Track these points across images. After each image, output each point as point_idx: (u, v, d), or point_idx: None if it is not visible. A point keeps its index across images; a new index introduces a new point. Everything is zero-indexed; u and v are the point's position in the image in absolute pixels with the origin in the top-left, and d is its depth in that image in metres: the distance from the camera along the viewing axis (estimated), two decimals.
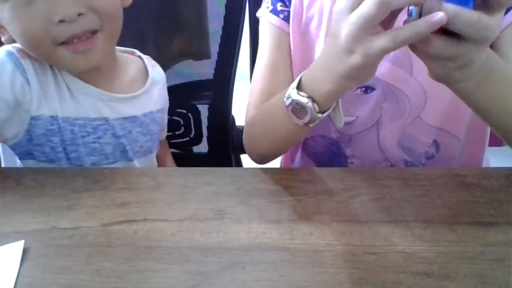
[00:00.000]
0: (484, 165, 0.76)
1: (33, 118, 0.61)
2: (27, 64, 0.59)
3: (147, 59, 0.77)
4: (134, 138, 0.70)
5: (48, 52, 0.57)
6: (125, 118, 0.68)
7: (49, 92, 0.61)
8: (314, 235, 0.48)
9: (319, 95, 0.52)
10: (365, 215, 0.52)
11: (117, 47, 0.70)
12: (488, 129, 0.73)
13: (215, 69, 0.97)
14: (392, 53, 0.64)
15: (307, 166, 0.80)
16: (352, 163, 0.74)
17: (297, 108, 0.54)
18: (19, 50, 0.60)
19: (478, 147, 0.74)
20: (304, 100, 0.52)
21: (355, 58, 0.44)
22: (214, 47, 0.95)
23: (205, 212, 0.52)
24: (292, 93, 0.54)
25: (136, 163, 0.72)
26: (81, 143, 0.64)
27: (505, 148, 0.60)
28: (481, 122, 0.72)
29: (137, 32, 0.92)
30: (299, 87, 0.54)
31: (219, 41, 0.94)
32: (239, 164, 1.09)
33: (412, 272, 0.43)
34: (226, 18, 0.92)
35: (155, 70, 0.77)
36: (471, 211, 0.52)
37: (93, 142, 0.65)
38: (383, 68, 0.66)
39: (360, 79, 0.50)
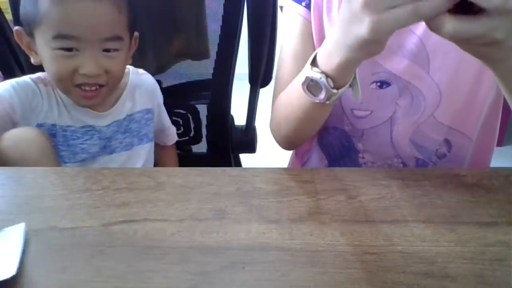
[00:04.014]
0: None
1: (38, 125, 0.77)
2: (41, 88, 0.78)
3: (133, 69, 0.89)
4: (113, 136, 0.84)
5: (66, 88, 0.75)
6: (108, 125, 0.83)
7: (53, 108, 0.79)
8: (314, 235, 0.48)
9: (332, 69, 0.51)
10: (365, 215, 0.52)
11: None
12: (497, 130, 0.73)
13: (214, 69, 0.97)
14: (409, 50, 0.64)
15: (319, 161, 0.80)
16: (363, 157, 0.74)
17: (312, 85, 0.54)
18: (37, 78, 0.79)
19: (488, 147, 0.75)
20: (317, 75, 0.52)
21: (364, 29, 0.41)
22: (213, 47, 0.96)
23: (205, 212, 0.52)
24: (306, 70, 0.53)
25: (118, 155, 0.85)
26: (72, 144, 0.80)
27: (505, 148, 0.60)
28: (492, 123, 0.72)
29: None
30: (313, 64, 0.54)
31: (217, 41, 0.94)
32: (238, 163, 1.09)
33: (412, 272, 0.43)
34: (224, 17, 0.92)
35: (139, 77, 0.89)
36: (471, 211, 0.52)
37: (81, 144, 0.80)
38: (400, 64, 0.65)
39: (369, 52, 0.47)
